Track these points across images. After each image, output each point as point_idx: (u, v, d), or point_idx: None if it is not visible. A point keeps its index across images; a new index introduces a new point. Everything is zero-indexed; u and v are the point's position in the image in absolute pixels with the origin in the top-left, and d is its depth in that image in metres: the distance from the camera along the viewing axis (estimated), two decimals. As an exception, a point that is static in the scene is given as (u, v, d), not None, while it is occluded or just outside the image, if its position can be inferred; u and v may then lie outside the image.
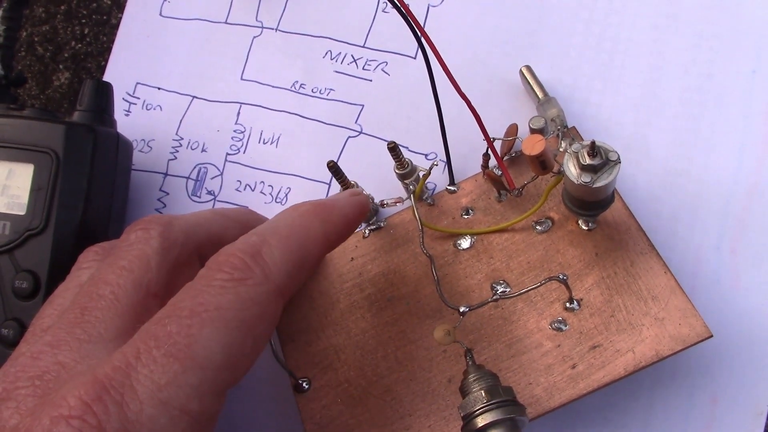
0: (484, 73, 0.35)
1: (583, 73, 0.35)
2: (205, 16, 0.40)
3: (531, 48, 0.35)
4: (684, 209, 0.32)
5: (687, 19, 0.34)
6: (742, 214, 0.32)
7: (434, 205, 0.33)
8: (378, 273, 0.32)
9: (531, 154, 0.28)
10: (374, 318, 0.32)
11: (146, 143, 0.39)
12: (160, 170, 0.38)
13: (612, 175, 0.27)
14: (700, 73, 0.33)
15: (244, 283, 0.23)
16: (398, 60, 0.37)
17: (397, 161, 0.32)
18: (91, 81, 0.35)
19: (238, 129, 0.38)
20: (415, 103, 0.36)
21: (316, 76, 0.37)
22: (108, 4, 0.42)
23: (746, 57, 0.33)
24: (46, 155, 0.33)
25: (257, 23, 0.39)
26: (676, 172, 0.33)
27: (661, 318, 0.28)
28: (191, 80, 0.39)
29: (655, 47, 0.34)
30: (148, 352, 0.21)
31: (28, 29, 0.43)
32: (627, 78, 0.34)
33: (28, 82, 0.42)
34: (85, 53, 0.42)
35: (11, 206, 0.33)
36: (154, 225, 0.27)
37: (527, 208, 0.31)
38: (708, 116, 0.33)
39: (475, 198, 0.33)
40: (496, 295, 0.30)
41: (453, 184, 0.33)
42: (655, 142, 0.33)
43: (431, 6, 0.37)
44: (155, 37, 0.40)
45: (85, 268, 0.28)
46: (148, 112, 0.39)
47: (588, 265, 0.30)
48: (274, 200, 0.36)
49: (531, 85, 0.33)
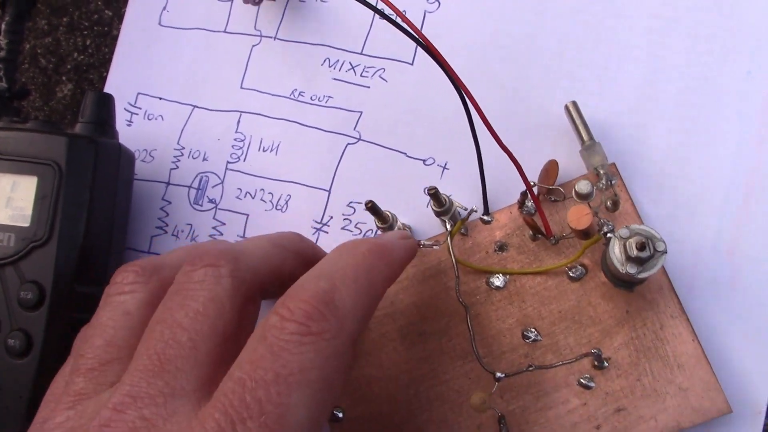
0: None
1: (580, 77, 0.35)
2: (204, 25, 0.40)
3: (529, 53, 0.35)
4: (681, 211, 0.32)
5: (682, 22, 0.34)
6: (739, 215, 0.32)
7: (468, 236, 0.33)
8: (410, 303, 0.32)
9: (577, 228, 0.28)
10: (407, 352, 0.32)
11: (148, 153, 0.39)
12: (162, 179, 0.38)
13: (658, 265, 0.27)
14: (696, 75, 0.34)
15: (322, 337, 0.22)
16: (395, 66, 0.37)
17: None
18: (92, 93, 0.36)
19: (239, 137, 0.38)
20: (412, 109, 0.36)
21: (314, 83, 0.38)
22: (109, 15, 0.42)
23: (741, 58, 0.33)
24: (49, 167, 0.33)
25: (256, 32, 0.39)
26: (673, 174, 0.33)
27: (685, 388, 0.29)
28: (192, 89, 0.39)
29: (650, 50, 0.34)
30: (243, 422, 0.21)
31: (32, 41, 0.43)
32: (623, 81, 0.34)
33: (32, 94, 0.42)
34: (88, 64, 0.42)
35: (15, 218, 0.33)
36: (223, 262, 0.25)
37: (562, 250, 0.31)
38: (704, 118, 0.33)
39: (510, 233, 0.32)
40: (531, 365, 0.30)
41: (487, 213, 0.33)
42: (652, 144, 0.33)
43: (428, 12, 0.37)
44: (155, 47, 0.40)
45: (128, 293, 0.26)
46: (150, 122, 0.39)
47: (619, 323, 0.30)
48: (274, 207, 0.37)
49: (576, 125, 0.32)
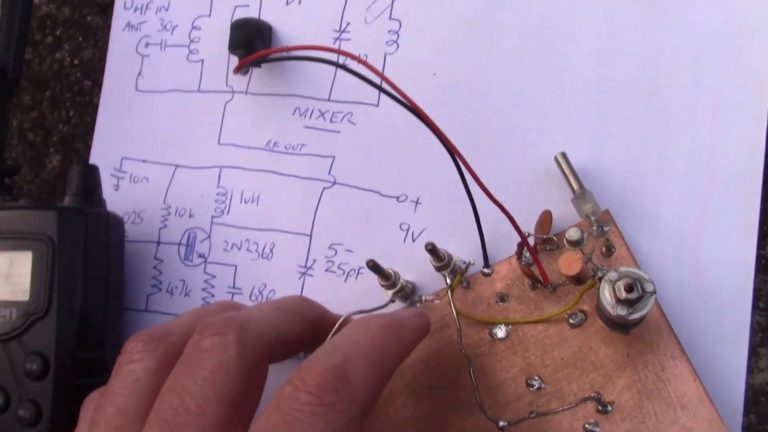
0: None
1: (534, 103, 0.36)
2: (178, 87, 0.42)
3: (483, 84, 0.37)
4: (643, 223, 0.34)
5: (627, 40, 0.36)
6: (698, 222, 0.33)
7: (470, 288, 0.34)
8: (417, 358, 0.33)
9: (568, 274, 0.29)
10: (415, 407, 0.33)
11: (137, 215, 0.41)
12: (152, 239, 0.40)
13: (648, 306, 0.28)
14: (645, 90, 0.35)
15: (333, 408, 0.24)
16: (362, 109, 0.39)
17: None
18: (77, 166, 0.38)
19: (221, 191, 0.40)
20: (381, 149, 0.38)
21: (287, 133, 0.40)
22: (89, 85, 0.44)
23: (686, 70, 0.35)
24: (42, 242, 0.35)
25: (228, 88, 0.41)
26: (633, 188, 0.34)
27: (689, 428, 0.29)
28: (172, 149, 0.41)
29: (599, 72, 0.36)
30: None
31: (19, 117, 0.45)
32: (576, 103, 0.36)
33: (23, 168, 0.44)
34: (73, 135, 0.44)
35: (15, 293, 0.35)
36: (230, 330, 0.27)
37: (561, 297, 0.32)
38: (656, 131, 0.34)
39: (510, 284, 0.33)
40: (534, 412, 0.31)
41: (488, 266, 0.34)
42: (609, 161, 0.35)
43: (387, 54, 0.39)
44: (134, 112, 0.42)
45: (137, 361, 0.28)
46: (136, 184, 0.41)
47: (620, 366, 0.31)
48: (260, 256, 0.38)
49: (566, 175, 0.33)
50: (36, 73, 0.45)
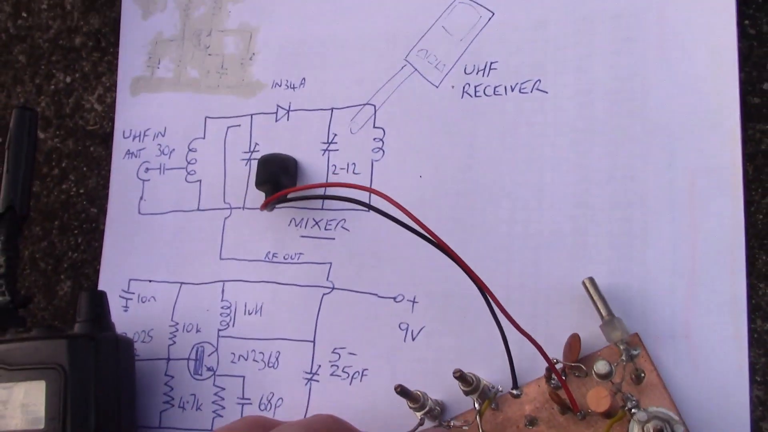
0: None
1: (517, 196, 0.38)
2: (178, 207, 0.44)
3: (467, 183, 0.38)
4: (633, 304, 0.35)
5: (601, 131, 0.37)
6: (688, 300, 0.34)
7: (498, 410, 0.34)
8: None
9: (597, 411, 0.29)
10: None
11: (147, 333, 0.42)
12: (162, 356, 0.41)
13: None
14: (623, 176, 0.36)
15: None
16: (354, 215, 0.40)
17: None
18: (85, 293, 0.39)
19: (225, 305, 0.41)
20: (375, 252, 0.39)
21: (285, 243, 0.41)
22: (95, 212, 0.46)
23: (660, 153, 0.36)
24: (54, 370, 0.36)
25: (225, 205, 0.43)
26: (620, 271, 0.35)
27: None
28: (177, 268, 0.43)
29: (578, 161, 0.37)
30: None
31: (30, 247, 0.47)
32: (558, 193, 0.37)
33: (36, 296, 0.46)
34: (82, 261, 0.46)
35: (31, 422, 0.36)
36: None
37: (591, 424, 0.32)
38: (637, 214, 0.36)
39: (539, 407, 0.33)
40: None
41: (516, 387, 0.34)
42: (595, 247, 0.36)
43: (374, 161, 0.41)
44: (138, 235, 0.44)
45: None
46: (144, 304, 0.43)
47: None
48: (266, 365, 0.39)
49: (594, 301, 0.34)
50: (44, 204, 0.47)
